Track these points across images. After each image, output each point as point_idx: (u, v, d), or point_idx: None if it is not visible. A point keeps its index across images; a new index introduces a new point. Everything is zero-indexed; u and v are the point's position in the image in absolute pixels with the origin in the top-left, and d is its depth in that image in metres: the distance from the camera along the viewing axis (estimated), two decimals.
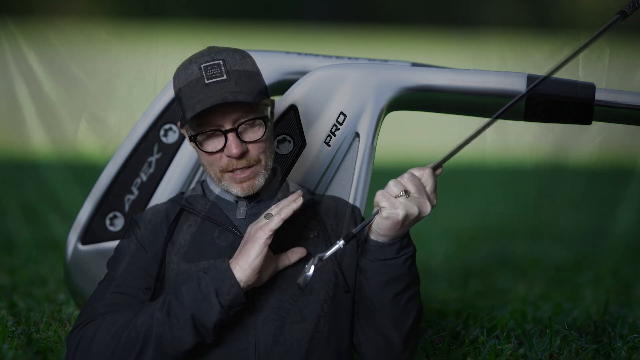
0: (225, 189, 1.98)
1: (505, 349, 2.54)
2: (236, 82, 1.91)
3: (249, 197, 2.01)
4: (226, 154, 1.92)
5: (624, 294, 3.63)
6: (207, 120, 1.90)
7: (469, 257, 4.58)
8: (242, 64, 1.95)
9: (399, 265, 1.92)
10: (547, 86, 2.36)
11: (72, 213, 2.72)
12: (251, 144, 1.94)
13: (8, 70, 3.04)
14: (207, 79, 1.90)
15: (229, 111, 1.90)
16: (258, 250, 1.86)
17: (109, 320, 1.90)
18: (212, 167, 1.95)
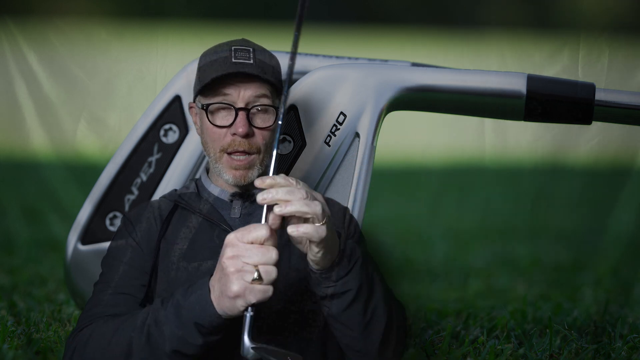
0: (219, 173, 1.97)
1: (505, 349, 2.54)
2: (261, 68, 1.94)
3: (244, 197, 2.01)
4: (232, 130, 1.93)
5: (624, 294, 3.63)
6: (223, 93, 1.92)
7: (469, 257, 4.58)
8: (270, 59, 1.99)
9: (356, 274, 1.84)
10: (547, 86, 2.37)
11: (72, 213, 2.72)
12: (258, 130, 1.95)
13: (8, 70, 3.04)
14: (234, 58, 1.93)
15: (245, 91, 1.93)
16: (232, 309, 1.76)
17: (101, 330, 1.88)
18: (213, 144, 1.95)
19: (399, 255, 4.29)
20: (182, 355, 1.80)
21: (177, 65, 2.72)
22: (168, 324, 1.80)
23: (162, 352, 1.80)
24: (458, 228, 5.16)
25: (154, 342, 1.80)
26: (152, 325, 1.81)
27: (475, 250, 4.70)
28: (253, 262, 1.70)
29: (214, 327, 1.78)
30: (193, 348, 1.79)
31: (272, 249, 1.71)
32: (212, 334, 1.80)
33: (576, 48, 2.72)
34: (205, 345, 1.80)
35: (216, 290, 1.75)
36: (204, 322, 1.77)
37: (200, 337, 1.78)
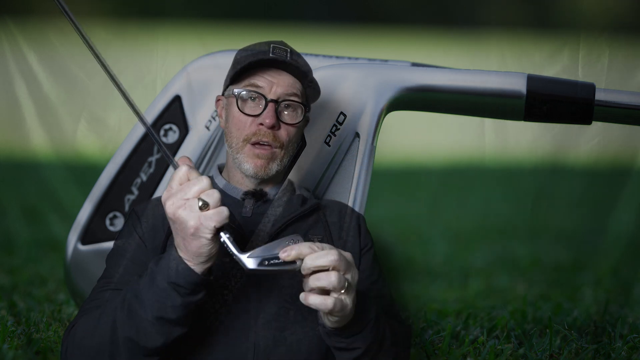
0: (239, 164, 1.96)
1: (505, 349, 2.54)
2: (295, 67, 1.97)
3: (256, 196, 2.01)
4: (259, 120, 1.94)
5: (624, 294, 3.63)
6: (255, 85, 1.94)
7: (469, 257, 4.58)
8: (304, 64, 2.01)
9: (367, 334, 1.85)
10: (547, 86, 2.37)
11: (72, 213, 2.72)
12: (284, 125, 1.96)
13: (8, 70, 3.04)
14: (271, 54, 1.95)
15: (277, 86, 1.95)
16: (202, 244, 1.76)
17: (89, 317, 1.88)
18: (238, 133, 1.95)
19: (399, 255, 4.29)
20: (166, 321, 1.78)
21: (177, 65, 2.72)
22: (146, 293, 1.79)
23: (146, 321, 1.78)
24: (458, 228, 5.16)
25: (135, 314, 1.79)
26: (132, 299, 1.80)
27: (475, 250, 4.70)
28: (191, 194, 1.72)
29: (190, 283, 1.77)
30: (174, 310, 1.77)
31: (200, 178, 1.73)
32: (191, 294, 1.78)
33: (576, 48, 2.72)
34: (186, 306, 1.78)
35: (180, 244, 1.76)
36: (178, 279, 1.76)
37: (179, 297, 1.77)
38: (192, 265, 1.76)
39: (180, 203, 1.73)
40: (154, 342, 1.79)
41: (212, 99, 2.68)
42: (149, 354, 1.81)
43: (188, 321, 1.81)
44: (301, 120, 1.99)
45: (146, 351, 1.80)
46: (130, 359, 1.81)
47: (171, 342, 1.81)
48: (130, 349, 1.80)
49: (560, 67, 2.76)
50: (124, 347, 1.80)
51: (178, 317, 1.78)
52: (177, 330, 1.80)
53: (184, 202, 1.72)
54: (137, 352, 1.80)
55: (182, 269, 1.76)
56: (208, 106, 2.69)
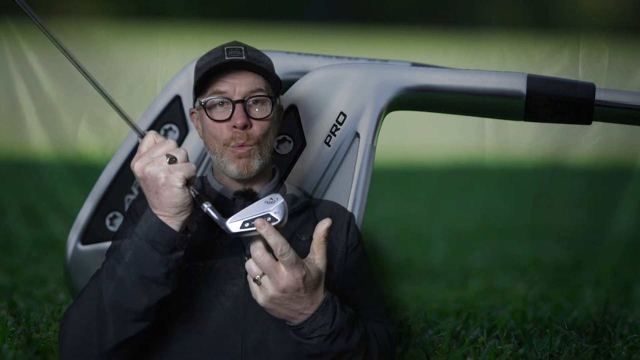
0: (224, 168, 2.00)
1: (505, 349, 2.54)
2: (252, 63, 1.99)
3: (246, 195, 2.03)
4: (232, 123, 1.97)
5: (624, 294, 3.62)
6: (219, 89, 1.98)
7: (469, 257, 4.58)
8: (261, 56, 2.03)
9: (316, 344, 1.89)
10: (547, 86, 2.37)
11: (72, 213, 2.72)
12: (255, 121, 1.99)
13: (8, 70, 3.04)
14: (227, 56, 1.98)
15: (240, 87, 1.98)
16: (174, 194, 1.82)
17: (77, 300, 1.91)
18: (216, 140, 1.99)
19: (399, 255, 4.28)
20: (147, 280, 1.82)
21: (177, 65, 2.72)
22: (126, 254, 1.84)
23: (129, 282, 1.82)
24: (458, 228, 5.16)
25: (118, 277, 1.83)
26: (114, 263, 1.85)
27: (475, 250, 4.69)
28: (158, 153, 1.82)
29: (167, 239, 1.82)
30: (154, 268, 1.82)
31: (167, 140, 1.82)
32: (169, 251, 1.83)
33: (576, 48, 2.72)
34: (166, 263, 1.83)
35: (153, 200, 1.82)
36: (155, 236, 1.82)
37: (157, 254, 1.82)
38: (167, 220, 1.82)
39: (148, 161, 1.82)
40: (138, 303, 1.83)
41: None
42: (135, 318, 1.84)
43: (170, 281, 1.84)
44: (272, 112, 2.01)
45: (132, 315, 1.83)
46: (117, 324, 1.83)
47: (156, 303, 1.84)
48: (117, 314, 1.83)
49: (560, 67, 2.77)
50: (110, 313, 1.83)
51: (159, 275, 1.82)
52: (160, 290, 1.83)
53: (152, 159, 1.82)
54: (123, 318, 1.83)
55: (157, 226, 1.82)
56: None
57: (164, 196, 1.81)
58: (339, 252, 2.03)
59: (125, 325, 1.84)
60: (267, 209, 1.81)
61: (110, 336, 1.83)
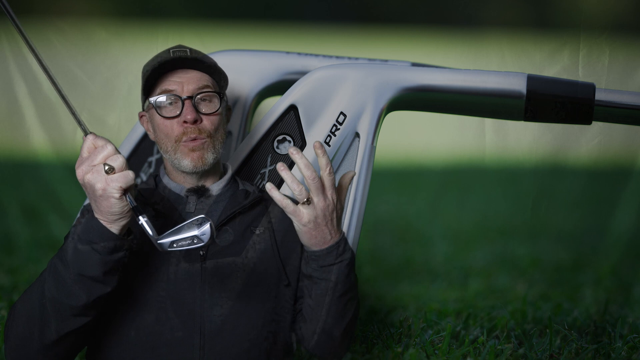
0: (178, 164, 2.06)
1: (505, 349, 2.54)
2: (197, 61, 2.08)
3: (198, 193, 2.08)
4: (182, 119, 2.04)
5: (624, 294, 3.62)
6: (167, 88, 2.06)
7: (469, 257, 4.58)
8: (204, 56, 2.11)
9: (340, 270, 2.01)
10: (547, 86, 2.37)
11: (72, 213, 2.72)
12: (205, 116, 2.06)
13: (8, 70, 3.04)
14: (172, 55, 2.07)
15: (188, 85, 2.06)
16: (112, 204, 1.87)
17: (17, 303, 1.97)
18: (168, 137, 2.06)
19: (399, 255, 4.28)
20: (86, 278, 1.88)
21: None
22: (68, 253, 1.90)
23: (69, 279, 1.89)
24: (458, 228, 5.16)
25: (59, 274, 1.90)
26: (57, 261, 1.92)
27: (475, 250, 4.69)
28: (98, 161, 1.87)
29: (106, 241, 1.88)
30: (93, 268, 1.88)
31: (105, 145, 1.88)
32: (109, 252, 1.88)
33: (576, 48, 2.72)
34: (105, 264, 1.88)
35: (94, 206, 1.89)
36: (95, 238, 1.87)
37: (97, 254, 1.87)
38: (107, 224, 1.88)
39: (88, 169, 1.87)
40: (77, 299, 1.89)
41: None
42: (75, 313, 1.90)
43: (109, 280, 1.90)
44: (220, 108, 2.08)
45: (72, 310, 1.90)
46: (57, 319, 1.90)
47: (95, 300, 1.90)
48: (57, 309, 1.90)
49: (560, 67, 2.76)
50: (51, 308, 1.90)
51: (97, 274, 1.88)
52: (99, 288, 1.89)
53: (92, 168, 1.87)
54: (63, 312, 1.90)
55: (98, 229, 1.88)
56: None
57: (102, 205, 1.86)
58: (293, 246, 2.09)
59: (66, 319, 1.90)
60: (194, 231, 1.86)
61: (51, 329, 1.91)
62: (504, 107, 2.39)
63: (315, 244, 1.99)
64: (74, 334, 1.92)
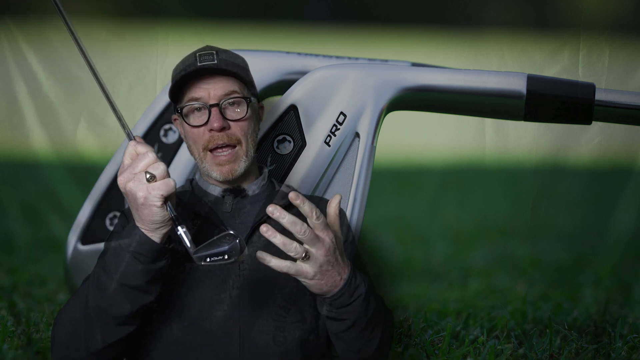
0: (207, 173, 2.05)
1: (505, 349, 2.54)
2: (224, 65, 2.04)
3: (235, 192, 2.06)
4: (208, 127, 2.02)
5: (624, 294, 3.62)
6: (193, 96, 2.04)
7: (469, 257, 4.58)
8: (234, 58, 2.08)
9: (357, 308, 1.95)
10: (547, 86, 2.37)
11: (72, 213, 2.72)
12: (233, 122, 2.03)
13: (8, 70, 3.04)
14: (199, 62, 2.04)
15: (215, 91, 2.03)
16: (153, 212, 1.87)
17: (68, 301, 1.97)
18: (196, 146, 2.05)
19: (399, 255, 4.28)
20: (129, 288, 1.89)
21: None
22: (111, 263, 1.90)
23: (112, 289, 1.89)
24: (458, 228, 5.16)
25: (103, 284, 1.90)
26: (100, 271, 1.91)
27: (475, 250, 4.69)
28: (139, 169, 1.86)
29: (148, 251, 1.88)
30: (136, 277, 1.88)
31: (146, 153, 1.87)
32: (151, 261, 1.88)
33: (576, 48, 2.72)
34: (147, 273, 1.89)
35: (135, 215, 1.88)
36: (138, 248, 1.88)
37: (139, 264, 1.88)
38: (149, 233, 1.88)
39: (129, 177, 1.86)
40: (121, 309, 1.89)
41: None
42: (119, 322, 1.91)
43: (152, 289, 1.91)
44: (247, 112, 2.05)
45: (116, 320, 1.90)
46: (103, 328, 1.90)
47: (139, 309, 1.90)
48: (102, 318, 1.90)
49: (560, 67, 2.76)
50: (95, 317, 1.90)
51: (140, 284, 1.88)
52: (142, 297, 1.90)
53: (133, 176, 1.86)
54: (108, 321, 1.90)
55: (140, 238, 1.88)
56: None
57: (143, 213, 1.86)
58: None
59: (111, 329, 1.91)
60: (224, 247, 1.86)
61: (97, 338, 1.91)
62: (504, 107, 2.40)
63: (327, 290, 1.92)
64: (119, 342, 1.92)
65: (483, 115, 2.58)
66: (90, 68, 1.97)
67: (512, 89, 2.37)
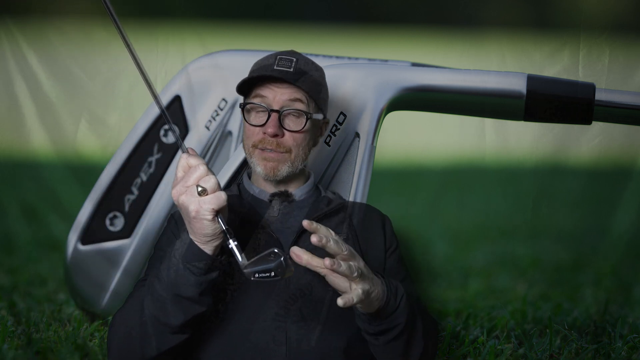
0: (253, 167, 2.09)
1: (505, 349, 2.54)
2: (297, 76, 2.06)
3: (282, 197, 2.09)
4: (263, 130, 2.05)
5: (624, 294, 3.63)
6: (260, 95, 2.06)
7: (469, 257, 4.58)
8: (313, 70, 2.09)
9: (404, 308, 1.99)
10: (547, 86, 2.37)
11: (72, 213, 2.72)
12: (288, 132, 2.06)
13: (8, 70, 3.04)
14: (276, 65, 2.05)
15: (281, 95, 2.05)
16: (205, 225, 1.91)
17: (122, 308, 2.01)
18: (247, 140, 2.08)
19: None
20: (183, 299, 1.92)
21: (177, 65, 2.72)
22: (165, 273, 1.94)
23: (166, 300, 1.93)
24: (458, 228, 5.16)
25: (157, 293, 1.94)
26: (155, 281, 1.95)
27: (475, 250, 4.70)
28: (191, 182, 1.89)
29: (201, 262, 1.91)
30: (189, 288, 1.92)
31: (198, 166, 1.89)
32: (204, 273, 1.92)
33: (576, 48, 2.72)
34: (200, 284, 1.92)
35: (188, 227, 1.92)
36: (191, 259, 1.91)
37: (192, 276, 1.91)
38: (201, 245, 1.91)
39: (182, 190, 1.89)
40: (175, 319, 1.93)
41: (212, 99, 2.68)
42: (173, 331, 1.95)
43: (205, 299, 1.95)
44: (305, 126, 2.06)
45: (170, 328, 1.94)
46: (157, 336, 1.95)
47: (192, 319, 1.94)
48: (156, 327, 1.94)
49: (560, 67, 2.76)
50: (150, 325, 1.95)
51: (193, 294, 1.92)
52: (195, 308, 1.94)
53: (186, 189, 1.89)
54: (162, 330, 1.94)
55: (193, 250, 1.91)
56: (208, 106, 2.69)
57: (195, 226, 1.90)
58: (377, 254, 2.10)
59: (165, 337, 1.95)
60: (270, 264, 1.88)
61: (152, 346, 1.96)
62: (504, 107, 2.40)
63: (380, 302, 1.95)
64: (172, 350, 1.97)
65: (483, 115, 2.58)
66: (143, 75, 2.04)
67: (512, 89, 2.37)
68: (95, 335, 2.61)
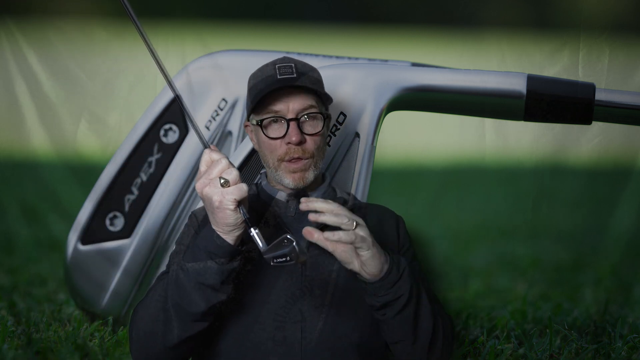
0: (279, 180, 2.12)
1: (505, 349, 2.54)
2: (304, 80, 2.10)
3: (299, 196, 2.11)
4: (286, 140, 2.09)
5: (624, 294, 3.63)
6: (273, 108, 2.09)
7: (469, 257, 4.58)
8: (312, 72, 2.13)
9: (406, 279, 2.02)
10: (547, 86, 2.37)
11: (72, 213, 2.72)
12: (309, 137, 2.09)
13: (8, 70, 3.04)
14: (279, 75, 2.09)
15: (294, 104, 2.08)
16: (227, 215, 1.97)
17: (144, 298, 2.07)
18: (271, 155, 2.12)
19: None
20: (205, 287, 1.99)
21: (177, 65, 2.72)
22: (188, 262, 2.01)
23: (189, 287, 1.99)
24: (458, 228, 5.16)
25: (180, 282, 2.00)
26: (178, 270, 2.02)
27: (475, 250, 4.70)
28: (214, 175, 1.97)
29: (223, 252, 1.98)
30: (211, 277, 1.99)
31: (220, 160, 1.98)
32: (226, 262, 1.98)
33: (576, 48, 2.72)
34: (222, 273, 1.99)
35: (211, 218, 1.99)
36: (213, 249, 1.98)
37: (215, 265, 1.98)
38: (224, 235, 1.98)
39: (206, 182, 1.98)
40: (197, 307, 1.99)
41: (212, 99, 2.68)
42: (195, 319, 2.01)
43: (226, 288, 2.01)
44: (323, 127, 2.11)
45: (192, 316, 2.01)
46: (180, 324, 2.01)
47: (213, 307, 2.01)
48: (179, 314, 2.01)
49: (560, 67, 2.76)
50: (173, 313, 2.01)
51: (215, 283, 1.99)
52: (217, 296, 2.00)
53: (209, 181, 1.97)
54: (185, 317, 2.01)
55: (216, 240, 1.98)
56: (208, 106, 2.69)
57: (218, 216, 1.97)
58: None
59: (187, 325, 2.01)
60: (285, 249, 1.94)
61: (174, 334, 2.02)
62: (504, 107, 2.40)
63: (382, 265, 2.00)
64: (192, 338, 2.03)
65: (483, 115, 2.58)
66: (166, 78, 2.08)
67: (512, 89, 2.37)
68: (95, 335, 2.61)
